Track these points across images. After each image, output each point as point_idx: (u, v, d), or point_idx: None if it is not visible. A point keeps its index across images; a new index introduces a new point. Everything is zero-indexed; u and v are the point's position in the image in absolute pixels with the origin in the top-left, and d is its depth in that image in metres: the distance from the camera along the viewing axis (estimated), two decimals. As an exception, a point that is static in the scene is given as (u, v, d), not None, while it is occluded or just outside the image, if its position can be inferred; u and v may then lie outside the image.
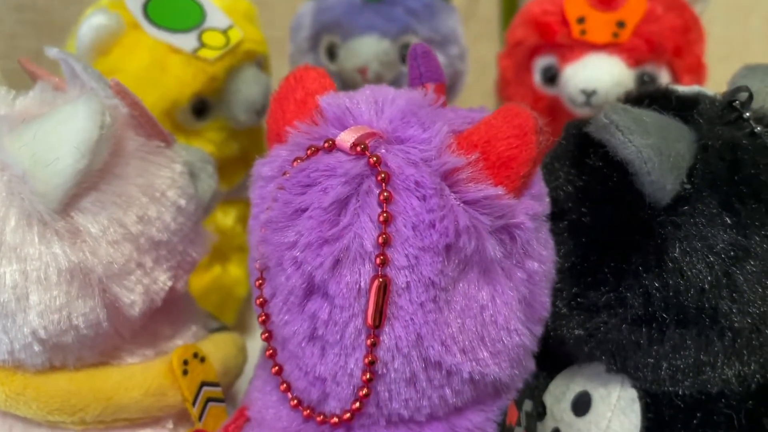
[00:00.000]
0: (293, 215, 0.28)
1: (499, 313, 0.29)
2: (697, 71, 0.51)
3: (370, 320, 0.27)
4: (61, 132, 0.30)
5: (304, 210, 0.28)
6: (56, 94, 0.35)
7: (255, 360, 0.40)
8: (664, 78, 0.50)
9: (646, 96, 0.34)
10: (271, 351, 0.32)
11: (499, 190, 0.28)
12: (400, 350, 0.28)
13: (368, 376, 0.28)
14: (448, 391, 0.29)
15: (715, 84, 0.53)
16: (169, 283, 0.35)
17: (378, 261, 0.27)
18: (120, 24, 0.45)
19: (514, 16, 0.56)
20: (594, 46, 0.49)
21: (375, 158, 0.28)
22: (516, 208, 0.29)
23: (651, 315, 0.31)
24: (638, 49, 0.48)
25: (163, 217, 0.34)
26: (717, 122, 0.33)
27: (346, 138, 0.29)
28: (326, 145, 0.29)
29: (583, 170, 0.33)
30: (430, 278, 0.27)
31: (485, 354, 0.29)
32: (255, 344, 0.42)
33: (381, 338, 0.28)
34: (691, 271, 0.30)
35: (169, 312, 0.36)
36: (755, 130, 0.32)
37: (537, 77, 0.53)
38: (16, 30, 0.72)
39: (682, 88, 0.35)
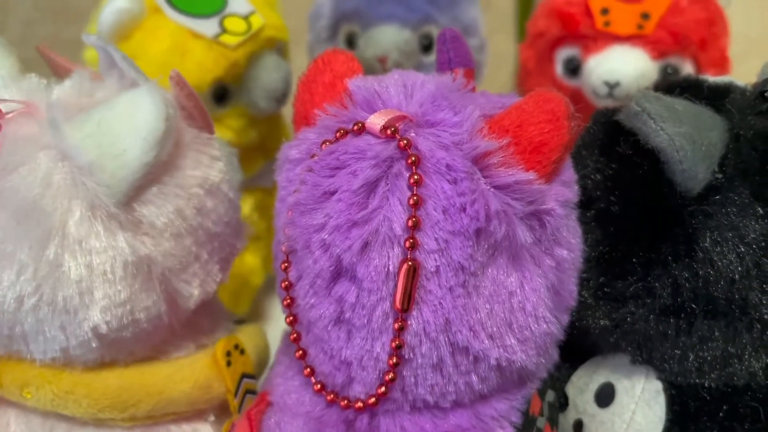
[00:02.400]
0: (322, 198, 0.28)
1: (527, 300, 0.29)
2: (721, 65, 0.50)
3: (398, 304, 0.27)
4: (128, 123, 0.30)
5: (333, 192, 0.28)
6: (93, 84, 0.34)
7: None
8: (687, 71, 0.50)
9: (677, 85, 0.33)
10: (295, 335, 0.31)
11: (531, 176, 0.28)
12: (427, 335, 0.28)
13: (395, 361, 0.28)
14: (474, 377, 0.29)
15: (735, 79, 0.53)
16: (221, 276, 0.35)
17: (407, 244, 0.27)
18: (141, 8, 0.45)
19: (534, 7, 0.55)
20: (618, 37, 0.49)
21: (405, 141, 0.28)
22: (546, 194, 0.29)
23: (679, 305, 0.31)
24: (663, 41, 0.48)
25: (218, 209, 0.34)
26: (749, 112, 0.32)
27: (376, 121, 0.29)
28: (355, 127, 0.29)
29: (613, 158, 0.33)
30: (459, 263, 0.27)
31: (513, 341, 0.29)
32: (271, 332, 0.42)
33: (409, 322, 0.28)
34: (722, 261, 0.30)
35: (209, 305, 0.36)
36: (787, 121, 0.32)
37: (559, 68, 0.52)
38: (33, 16, 0.73)
39: (713, 78, 0.35)
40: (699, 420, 0.32)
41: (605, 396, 0.34)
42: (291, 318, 0.31)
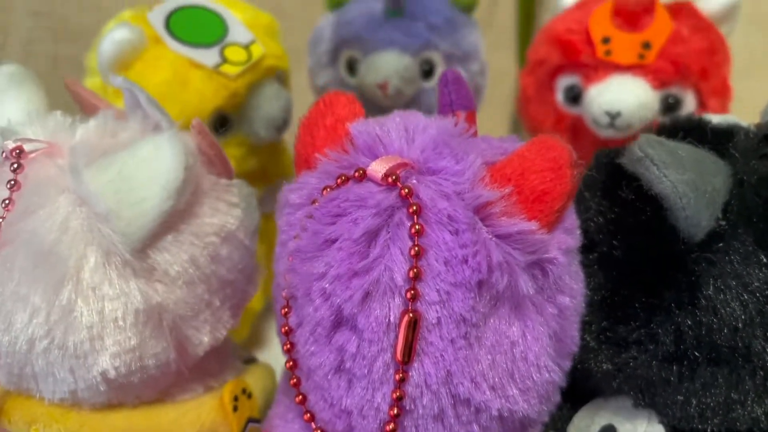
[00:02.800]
0: (322, 245, 0.28)
1: (529, 350, 0.29)
2: (723, 94, 0.50)
3: (399, 356, 0.27)
4: (148, 171, 0.30)
5: (334, 241, 0.28)
6: (117, 125, 0.34)
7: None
8: (689, 100, 0.49)
9: (680, 128, 0.33)
10: (295, 380, 0.31)
11: (533, 225, 0.28)
12: (429, 387, 0.28)
13: (395, 412, 0.28)
14: (475, 427, 0.29)
15: (736, 97, 0.52)
16: (232, 322, 0.35)
17: (408, 295, 0.27)
18: (142, 38, 0.45)
19: (535, 26, 0.55)
20: (619, 66, 0.48)
21: (407, 190, 0.28)
22: (549, 243, 0.28)
23: (682, 352, 0.30)
24: (664, 71, 0.48)
25: (233, 257, 0.34)
26: (752, 156, 0.32)
27: (377, 168, 0.28)
28: (357, 174, 0.29)
29: (615, 202, 0.32)
30: (461, 314, 0.27)
31: (515, 391, 0.28)
32: (271, 357, 0.41)
33: (410, 374, 0.27)
34: (725, 309, 0.30)
35: (218, 348, 0.36)
36: (792, 165, 0.32)
37: (560, 96, 0.52)
38: (33, 36, 0.72)
39: (717, 119, 0.34)
40: (701, 465, 0.32)
41: (607, 438, 0.34)
42: (291, 363, 0.31)
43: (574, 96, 0.51)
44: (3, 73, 0.36)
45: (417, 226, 0.27)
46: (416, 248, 0.27)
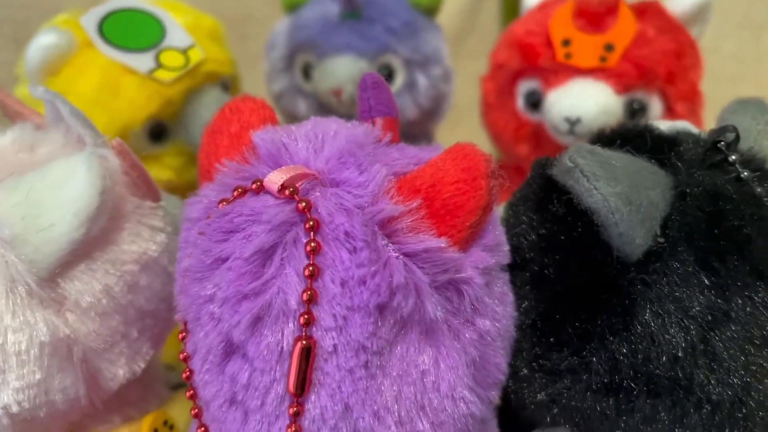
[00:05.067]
0: (212, 265, 0.25)
1: (442, 379, 0.26)
2: (692, 98, 0.47)
3: (291, 387, 0.24)
4: (58, 195, 0.27)
5: (225, 259, 0.25)
6: (36, 137, 0.31)
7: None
8: (655, 106, 0.47)
9: (620, 136, 0.30)
10: (196, 410, 0.29)
11: (442, 242, 0.25)
12: (325, 421, 0.25)
13: (292, 448, 0.25)
14: (382, 466, 0.26)
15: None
16: (151, 353, 0.32)
17: (302, 320, 0.24)
18: (71, 43, 0.43)
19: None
20: (579, 70, 0.46)
21: (304, 203, 0.25)
22: (463, 262, 0.26)
23: (618, 383, 0.27)
24: (627, 74, 0.45)
25: (153, 286, 0.31)
26: (698, 166, 0.29)
27: (274, 179, 0.26)
28: (254, 186, 0.26)
29: (546, 217, 0.29)
30: (359, 341, 0.24)
31: (425, 425, 0.26)
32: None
33: (305, 407, 0.25)
34: (663, 336, 0.27)
35: (140, 376, 0.33)
36: (741, 176, 0.29)
37: (520, 102, 0.49)
38: (-6, 42, 0.71)
39: (665, 125, 0.31)
40: (646, 505, 0.29)
41: (546, 473, 0.31)
42: (191, 392, 0.29)
43: (535, 102, 0.48)
44: None
45: (313, 244, 0.24)
46: (311, 268, 0.24)
